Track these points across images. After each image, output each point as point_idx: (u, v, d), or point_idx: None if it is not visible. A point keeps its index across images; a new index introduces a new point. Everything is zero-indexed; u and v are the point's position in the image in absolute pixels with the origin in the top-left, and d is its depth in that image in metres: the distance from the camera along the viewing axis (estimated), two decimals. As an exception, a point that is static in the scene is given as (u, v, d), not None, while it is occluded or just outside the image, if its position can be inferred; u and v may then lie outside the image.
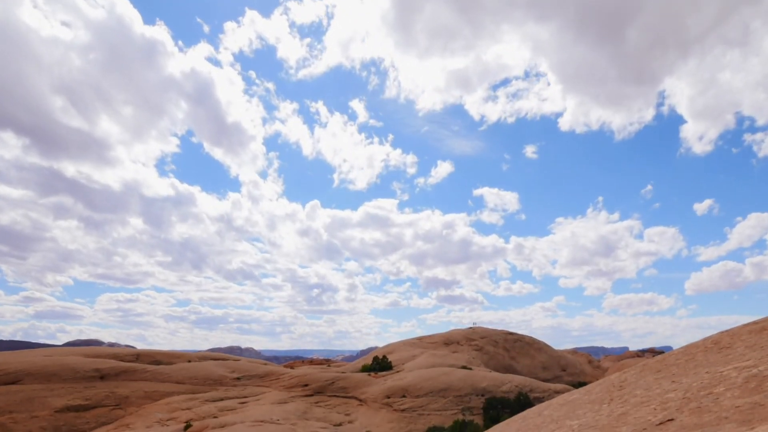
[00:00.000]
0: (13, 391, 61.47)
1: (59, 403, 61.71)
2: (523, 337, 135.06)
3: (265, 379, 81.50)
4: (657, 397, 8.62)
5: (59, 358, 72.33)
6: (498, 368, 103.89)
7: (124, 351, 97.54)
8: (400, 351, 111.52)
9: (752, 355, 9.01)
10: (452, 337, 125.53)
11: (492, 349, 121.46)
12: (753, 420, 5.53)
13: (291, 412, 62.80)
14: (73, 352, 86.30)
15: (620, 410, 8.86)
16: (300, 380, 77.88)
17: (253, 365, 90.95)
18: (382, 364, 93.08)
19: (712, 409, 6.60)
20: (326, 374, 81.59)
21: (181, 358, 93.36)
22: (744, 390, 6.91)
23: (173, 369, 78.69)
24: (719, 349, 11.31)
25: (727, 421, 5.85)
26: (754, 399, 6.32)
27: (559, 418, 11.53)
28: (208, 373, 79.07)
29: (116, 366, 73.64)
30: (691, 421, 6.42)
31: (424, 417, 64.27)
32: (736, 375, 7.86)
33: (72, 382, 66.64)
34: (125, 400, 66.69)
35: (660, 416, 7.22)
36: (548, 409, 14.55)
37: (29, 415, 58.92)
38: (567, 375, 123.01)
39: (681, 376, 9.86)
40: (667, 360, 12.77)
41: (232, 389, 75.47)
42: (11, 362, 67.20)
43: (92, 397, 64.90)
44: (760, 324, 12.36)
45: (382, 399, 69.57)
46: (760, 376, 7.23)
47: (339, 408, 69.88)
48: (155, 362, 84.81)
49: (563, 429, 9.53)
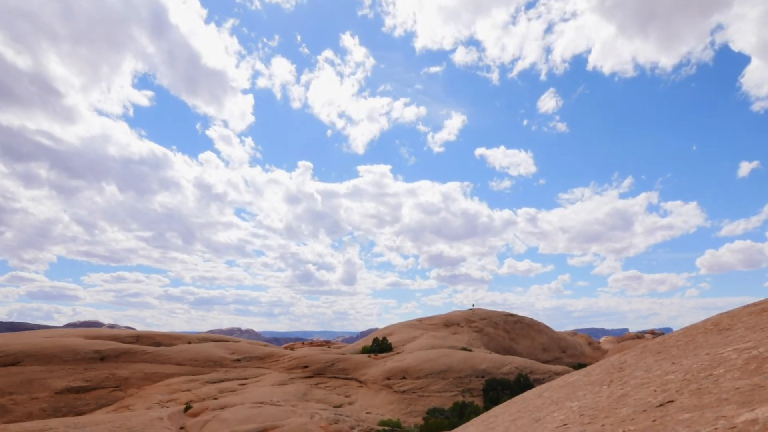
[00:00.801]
0: (13, 373, 61.66)
1: (59, 385, 61.92)
2: (523, 319, 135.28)
3: (265, 361, 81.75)
4: (657, 378, 8.59)
5: (59, 340, 72.50)
6: (498, 350, 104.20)
7: (124, 332, 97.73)
8: (399, 332, 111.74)
9: (752, 337, 8.96)
10: (452, 318, 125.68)
11: (492, 331, 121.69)
12: (753, 401, 5.48)
13: (291, 394, 63.04)
14: (73, 333, 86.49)
15: (620, 392, 8.83)
16: (300, 362, 78.12)
17: (253, 347, 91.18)
18: (382, 345, 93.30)
19: (712, 390, 6.55)
20: (326, 356, 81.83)
21: (181, 339, 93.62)
22: (744, 371, 6.86)
23: (173, 350, 78.91)
24: (719, 331, 11.27)
25: (727, 403, 5.80)
26: (754, 380, 6.27)
27: (559, 399, 11.52)
28: (208, 354, 79.31)
29: (116, 347, 73.83)
30: (691, 402, 6.37)
31: (424, 398, 64.52)
32: (736, 356, 7.82)
33: (72, 363, 66.83)
34: (125, 382, 66.92)
35: (660, 398, 7.18)
36: (548, 391, 14.55)
37: (29, 396, 59.15)
38: (567, 356, 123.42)
39: (681, 357, 9.83)
40: (667, 341, 12.75)
41: (232, 371, 75.72)
42: (11, 344, 67.36)
43: (92, 379, 65.12)
44: (760, 305, 12.32)
45: (382, 380, 69.81)
46: (760, 358, 7.18)
47: (339, 389, 70.14)
48: (155, 344, 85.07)
49: (563, 410, 9.51)
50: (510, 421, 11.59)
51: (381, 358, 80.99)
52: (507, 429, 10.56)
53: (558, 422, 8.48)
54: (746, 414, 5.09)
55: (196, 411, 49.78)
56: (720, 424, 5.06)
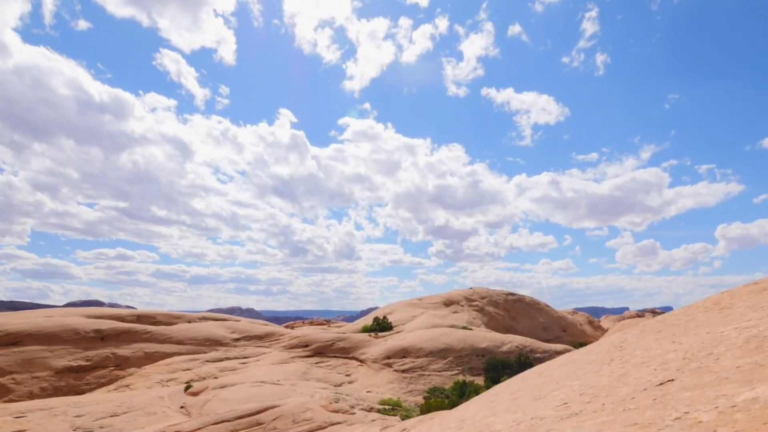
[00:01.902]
0: (14, 352, 61.94)
1: (60, 364, 62.23)
2: (524, 297, 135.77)
3: (265, 340, 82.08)
4: (657, 357, 8.60)
5: (60, 319, 72.74)
6: (498, 329, 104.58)
7: (125, 312, 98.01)
8: (400, 311, 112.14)
9: (753, 316, 8.98)
10: (452, 297, 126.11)
11: (492, 310, 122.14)
12: (754, 380, 5.48)
13: (291, 373, 63.37)
14: (74, 312, 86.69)
15: (620, 371, 8.84)
16: (300, 341, 78.45)
17: (253, 326, 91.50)
18: (383, 324, 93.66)
19: (712, 369, 6.56)
20: (326, 335, 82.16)
21: (182, 318, 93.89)
22: (744, 350, 6.87)
23: (173, 330, 79.21)
24: (719, 310, 11.29)
25: (727, 382, 5.80)
26: (755, 359, 6.28)
27: (559, 378, 11.56)
28: (208, 333, 79.61)
29: (117, 327, 74.09)
30: (692, 381, 6.38)
31: (425, 378, 64.86)
32: (737, 335, 7.83)
33: (72, 342, 67.11)
34: (126, 361, 67.24)
35: (660, 377, 7.19)
36: (548, 370, 14.61)
37: (30, 375, 59.47)
38: (567, 335, 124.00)
39: (681, 336, 9.84)
40: (668, 320, 12.78)
41: (232, 350, 76.04)
42: (12, 323, 67.60)
43: (93, 358, 65.43)
44: (761, 284, 12.35)
45: (383, 360, 70.14)
46: (761, 337, 7.19)
47: (339, 368, 70.50)
48: (156, 323, 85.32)
49: (564, 389, 9.53)
50: (510, 400, 11.63)
51: (381, 337, 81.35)
52: (507, 408, 10.60)
53: (558, 401, 8.50)
54: (747, 393, 5.09)
55: (196, 390, 50.06)
56: (720, 403, 5.07)
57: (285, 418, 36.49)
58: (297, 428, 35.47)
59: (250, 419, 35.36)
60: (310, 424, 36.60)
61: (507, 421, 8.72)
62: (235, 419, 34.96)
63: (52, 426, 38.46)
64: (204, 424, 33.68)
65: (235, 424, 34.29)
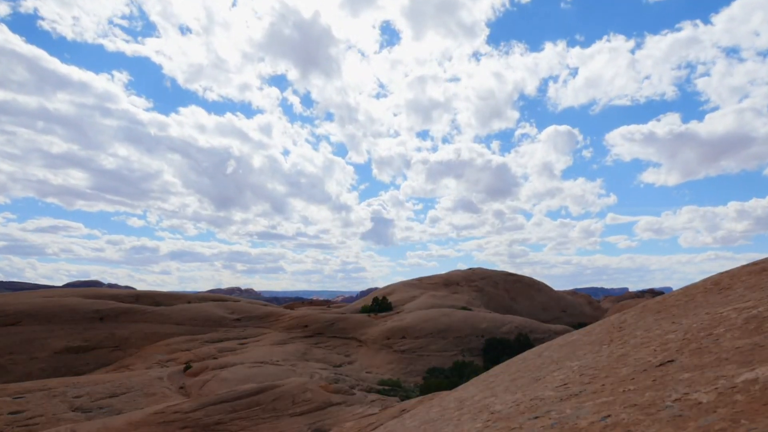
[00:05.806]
0: (13, 333, 62.08)
1: (59, 345, 62.39)
2: (523, 278, 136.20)
3: (264, 320, 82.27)
4: (657, 338, 8.56)
5: (59, 300, 72.81)
6: (498, 309, 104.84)
7: (124, 292, 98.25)
8: (399, 292, 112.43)
9: (752, 296, 8.93)
10: (452, 278, 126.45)
11: (492, 290, 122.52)
12: (753, 361, 5.44)
13: (291, 353, 63.58)
14: (73, 293, 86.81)
15: (620, 351, 8.81)
16: (300, 321, 78.63)
17: (253, 306, 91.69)
18: (382, 305, 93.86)
19: (712, 350, 6.51)
20: (326, 315, 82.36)
21: (181, 299, 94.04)
22: (744, 331, 6.82)
23: (173, 310, 79.32)
24: (719, 290, 11.24)
25: (727, 362, 5.76)
26: (754, 340, 6.23)
27: (559, 359, 11.52)
28: (207, 314, 79.74)
29: (116, 307, 74.17)
30: (692, 362, 6.34)
31: (424, 358, 65.10)
32: (736, 316, 7.78)
33: (71, 323, 67.22)
34: (125, 342, 67.41)
35: (660, 357, 7.15)
36: (548, 350, 14.57)
37: (29, 356, 59.65)
38: (567, 316, 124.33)
39: (681, 317, 9.80)
40: (667, 301, 12.73)
41: (231, 330, 76.24)
42: (10, 303, 67.66)
43: (92, 339, 65.58)
44: (760, 265, 12.29)
45: (382, 340, 70.36)
46: (760, 317, 7.14)
47: (339, 349, 70.75)
48: (155, 303, 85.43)
49: (563, 370, 9.51)
50: (510, 381, 11.62)
51: (381, 318, 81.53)
52: (507, 388, 10.59)
53: (558, 382, 8.48)
54: (746, 373, 5.05)
55: (195, 371, 50.25)
56: (720, 384, 5.03)
57: (284, 399, 36.63)
58: (296, 409, 35.63)
59: (250, 400, 35.49)
60: (310, 404, 36.77)
61: (507, 401, 8.70)
62: (234, 400, 35.09)
63: (51, 407, 38.59)
64: (203, 405, 33.81)
65: (234, 405, 34.43)
